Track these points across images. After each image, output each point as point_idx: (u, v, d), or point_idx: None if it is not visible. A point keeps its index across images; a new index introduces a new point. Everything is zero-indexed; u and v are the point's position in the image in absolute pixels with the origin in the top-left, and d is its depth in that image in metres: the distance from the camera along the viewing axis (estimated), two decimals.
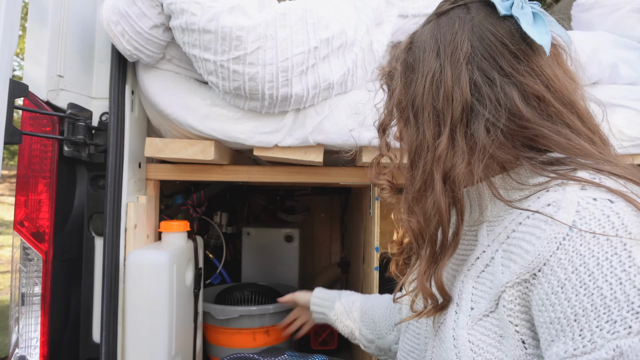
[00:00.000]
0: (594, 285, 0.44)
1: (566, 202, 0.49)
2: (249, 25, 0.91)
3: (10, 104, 0.73)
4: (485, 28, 0.60)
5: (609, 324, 0.42)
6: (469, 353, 0.55)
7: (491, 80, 0.58)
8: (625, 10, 1.23)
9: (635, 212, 0.47)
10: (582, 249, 0.45)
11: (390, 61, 0.69)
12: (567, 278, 0.46)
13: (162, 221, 1.17)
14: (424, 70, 0.61)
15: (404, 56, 0.65)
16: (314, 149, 1.08)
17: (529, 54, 0.59)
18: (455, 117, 0.58)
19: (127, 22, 0.95)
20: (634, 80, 1.15)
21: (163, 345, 1.01)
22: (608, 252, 0.44)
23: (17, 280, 0.97)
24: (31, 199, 0.97)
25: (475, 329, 0.56)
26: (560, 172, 0.53)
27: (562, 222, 0.47)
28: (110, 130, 1.01)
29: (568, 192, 0.50)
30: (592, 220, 0.46)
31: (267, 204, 2.25)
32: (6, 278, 4.55)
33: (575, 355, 0.43)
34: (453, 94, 0.58)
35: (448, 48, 0.60)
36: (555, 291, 0.46)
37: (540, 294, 0.48)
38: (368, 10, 1.04)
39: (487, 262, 0.58)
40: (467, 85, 0.58)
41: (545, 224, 0.49)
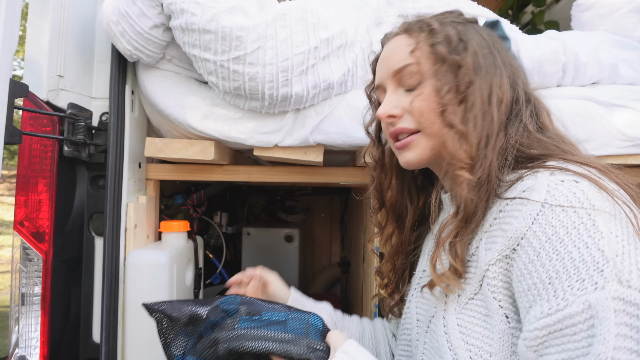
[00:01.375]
0: (564, 251, 0.50)
1: (538, 186, 0.55)
2: (249, 25, 0.91)
3: (10, 104, 0.73)
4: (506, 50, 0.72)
5: (579, 283, 0.48)
6: (458, 335, 0.60)
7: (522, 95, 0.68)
8: (625, 10, 1.23)
9: (598, 189, 0.53)
10: (553, 220, 0.52)
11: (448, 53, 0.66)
12: (542, 247, 0.52)
13: (162, 221, 1.17)
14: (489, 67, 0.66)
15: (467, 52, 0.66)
16: (314, 149, 1.08)
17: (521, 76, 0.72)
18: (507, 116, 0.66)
19: (127, 22, 0.95)
20: (634, 80, 1.15)
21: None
22: (575, 222, 0.51)
23: (17, 280, 0.97)
24: (31, 199, 0.97)
25: (462, 312, 0.61)
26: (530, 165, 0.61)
27: (535, 201, 0.54)
28: (110, 130, 1.01)
29: (539, 178, 0.56)
30: (561, 197, 0.53)
31: (267, 204, 2.26)
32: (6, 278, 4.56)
33: (550, 314, 0.48)
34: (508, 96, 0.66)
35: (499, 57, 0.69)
36: (532, 260, 0.52)
37: (519, 265, 0.54)
38: (368, 10, 1.04)
39: (473, 252, 0.62)
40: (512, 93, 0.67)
41: (522, 205, 0.55)
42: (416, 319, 0.73)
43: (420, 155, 0.68)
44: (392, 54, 0.71)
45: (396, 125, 0.70)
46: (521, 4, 2.27)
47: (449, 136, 0.63)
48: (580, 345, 0.46)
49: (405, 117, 0.69)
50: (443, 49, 0.66)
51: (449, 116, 0.64)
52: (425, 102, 0.66)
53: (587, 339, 0.46)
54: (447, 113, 0.64)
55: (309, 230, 2.34)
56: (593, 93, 1.11)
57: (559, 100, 1.11)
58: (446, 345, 0.61)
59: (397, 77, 0.70)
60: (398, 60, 0.69)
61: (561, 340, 0.48)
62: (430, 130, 0.66)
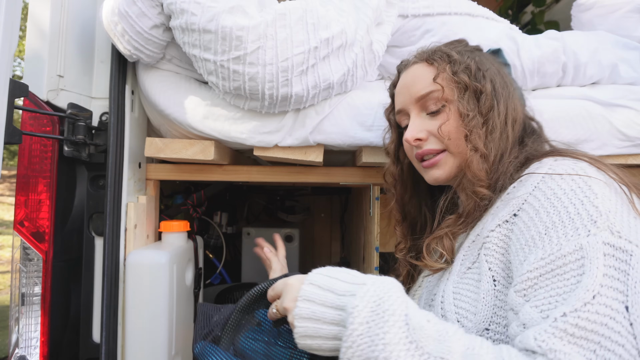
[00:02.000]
0: (561, 206, 0.55)
1: (542, 165, 0.63)
2: (249, 25, 0.91)
3: (10, 104, 0.73)
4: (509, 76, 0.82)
5: (572, 230, 0.52)
6: (451, 301, 0.65)
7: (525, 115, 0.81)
8: (625, 10, 1.23)
9: (596, 168, 0.59)
10: (553, 185, 0.58)
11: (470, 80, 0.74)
12: (540, 205, 0.57)
13: (162, 221, 1.17)
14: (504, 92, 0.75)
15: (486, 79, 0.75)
16: (314, 149, 1.08)
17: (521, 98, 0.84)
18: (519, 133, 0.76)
19: (127, 22, 0.95)
20: (634, 80, 1.15)
21: (163, 345, 1.01)
22: (573, 186, 0.56)
23: (17, 280, 0.97)
24: (31, 199, 0.97)
25: (459, 282, 0.66)
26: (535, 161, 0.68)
27: (538, 173, 0.61)
28: (110, 130, 1.01)
29: (543, 162, 0.64)
30: (561, 169, 0.59)
31: (267, 204, 2.26)
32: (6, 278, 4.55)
33: (543, 258, 0.52)
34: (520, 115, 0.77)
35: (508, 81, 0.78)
36: (531, 217, 0.57)
37: (519, 226, 0.58)
38: (368, 10, 1.04)
39: (478, 232, 0.68)
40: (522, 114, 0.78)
41: (525, 180, 0.63)
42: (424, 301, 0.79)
43: (448, 173, 0.76)
44: (414, 82, 0.79)
45: (422, 147, 0.78)
46: (521, 4, 2.27)
47: (474, 158, 0.70)
48: (569, 283, 0.49)
49: (431, 140, 0.77)
50: (465, 77, 0.73)
51: (474, 139, 0.71)
52: (451, 126, 0.74)
53: (577, 277, 0.49)
54: (472, 136, 0.71)
55: (309, 230, 2.34)
56: (593, 93, 1.11)
57: (559, 100, 1.11)
58: (440, 312, 0.66)
59: (421, 102, 0.77)
60: (421, 87, 0.77)
61: (551, 281, 0.51)
62: (456, 151, 0.74)
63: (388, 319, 0.49)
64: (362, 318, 0.50)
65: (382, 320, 0.49)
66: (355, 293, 0.52)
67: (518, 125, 0.75)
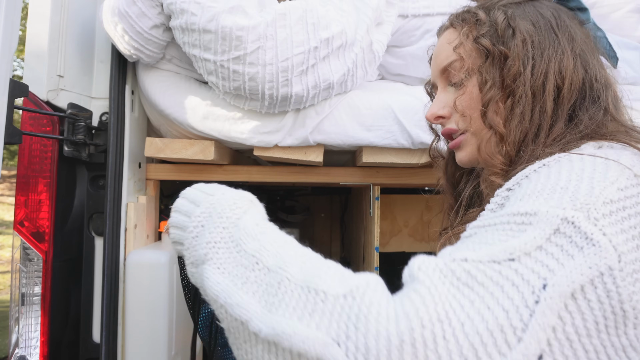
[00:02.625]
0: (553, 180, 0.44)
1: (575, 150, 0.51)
2: (249, 25, 0.91)
3: (10, 104, 0.73)
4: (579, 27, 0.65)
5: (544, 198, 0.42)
6: None
7: (594, 78, 0.60)
8: (625, 10, 1.23)
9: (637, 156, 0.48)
10: (564, 161, 0.47)
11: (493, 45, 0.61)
12: (538, 179, 0.46)
13: (162, 221, 1.17)
14: (546, 50, 0.60)
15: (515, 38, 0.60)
16: (314, 149, 1.08)
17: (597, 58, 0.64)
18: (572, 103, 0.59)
19: (127, 22, 0.95)
20: (634, 80, 1.15)
21: (163, 345, 1.01)
22: (587, 166, 0.45)
23: (17, 280, 0.97)
24: (31, 199, 0.96)
25: None
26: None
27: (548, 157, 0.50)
28: (110, 130, 1.01)
29: (581, 147, 0.52)
30: (587, 151, 0.48)
31: (267, 204, 2.25)
32: (6, 278, 4.55)
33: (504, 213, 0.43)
34: (574, 80, 0.59)
35: (564, 35, 0.61)
36: (524, 185, 0.47)
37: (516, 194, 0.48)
38: (368, 10, 1.04)
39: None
40: (581, 76, 0.60)
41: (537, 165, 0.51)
42: None
43: (470, 155, 0.66)
44: (439, 51, 0.69)
45: (445, 125, 0.68)
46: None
47: (486, 138, 0.60)
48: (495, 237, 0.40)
49: (454, 117, 0.66)
50: (487, 41, 0.61)
51: (491, 115, 0.59)
52: (467, 100, 0.63)
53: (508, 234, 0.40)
54: (489, 112, 0.59)
55: (309, 230, 2.34)
56: None
57: None
58: None
59: (445, 74, 0.67)
60: (444, 57, 0.67)
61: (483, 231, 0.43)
62: (477, 130, 0.63)
63: (216, 220, 0.52)
64: (197, 217, 0.54)
65: (210, 220, 0.53)
66: (202, 202, 0.56)
67: (568, 92, 0.58)
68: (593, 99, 0.59)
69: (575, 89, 0.59)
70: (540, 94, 0.58)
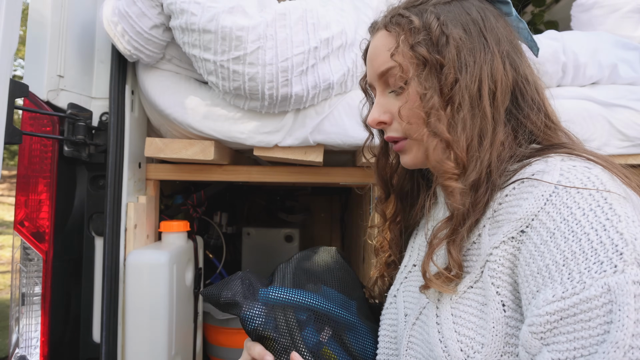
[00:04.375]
0: (581, 232, 0.47)
1: (550, 168, 0.52)
2: (249, 25, 0.91)
3: (10, 104, 0.73)
4: (503, 24, 0.65)
5: (597, 265, 0.44)
6: (450, 326, 0.56)
7: (523, 77, 0.63)
8: (625, 10, 1.23)
9: (610, 175, 0.52)
10: (569, 202, 0.49)
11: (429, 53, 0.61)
12: (556, 227, 0.48)
13: (162, 221, 1.17)
14: (477, 56, 0.60)
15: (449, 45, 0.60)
16: (314, 149, 1.08)
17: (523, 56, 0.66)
18: (506, 106, 0.61)
19: (127, 22, 0.95)
20: (634, 80, 1.15)
21: (163, 345, 1.01)
22: (592, 204, 0.48)
23: (17, 280, 0.97)
24: (31, 199, 0.97)
25: (459, 302, 0.57)
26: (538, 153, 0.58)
27: (548, 182, 0.51)
28: (110, 130, 1.01)
29: (550, 162, 0.54)
30: (575, 180, 0.50)
31: (267, 204, 2.25)
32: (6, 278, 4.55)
33: (564, 297, 0.45)
34: (505, 83, 0.61)
35: (492, 38, 0.62)
36: (545, 241, 0.49)
37: (529, 247, 0.50)
38: (368, 11, 1.04)
39: (474, 240, 0.58)
40: (512, 77, 0.62)
41: (532, 187, 0.52)
42: (404, 314, 0.70)
43: (414, 159, 0.67)
44: (375, 54, 0.67)
45: (386, 132, 0.68)
46: (521, 4, 2.27)
47: (432, 145, 0.61)
48: (595, 333, 0.43)
49: (394, 124, 0.67)
50: (424, 49, 0.61)
51: (434, 124, 0.59)
52: (410, 109, 0.63)
53: (604, 326, 0.42)
54: (431, 119, 0.60)
55: (309, 230, 2.34)
56: (593, 93, 1.11)
57: (559, 100, 1.11)
58: (437, 336, 0.58)
59: (383, 79, 0.67)
60: (381, 62, 0.66)
61: (574, 327, 0.44)
62: (419, 138, 0.63)
63: None
64: None
65: None
66: None
67: (502, 95, 0.60)
68: (527, 100, 0.62)
69: (507, 91, 0.61)
70: (477, 100, 0.59)
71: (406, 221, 0.80)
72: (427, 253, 0.61)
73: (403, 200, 0.81)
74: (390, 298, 0.76)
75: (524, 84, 0.63)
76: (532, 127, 0.62)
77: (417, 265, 0.74)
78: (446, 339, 0.56)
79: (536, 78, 0.66)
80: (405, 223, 0.81)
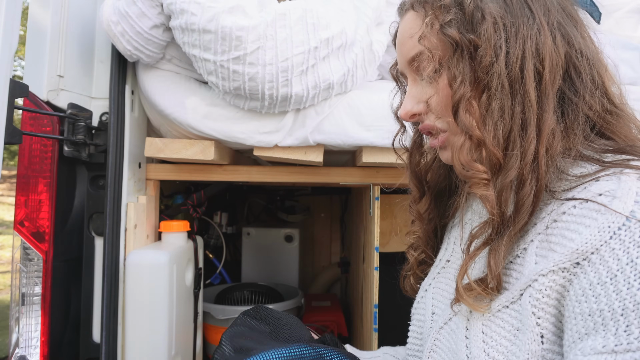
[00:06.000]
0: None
1: (622, 192, 0.44)
2: (249, 25, 0.91)
3: (10, 104, 0.73)
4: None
5: None
6: (480, 345, 0.51)
7: (578, 51, 0.53)
8: (625, 10, 1.23)
9: None
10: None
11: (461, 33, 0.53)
12: (620, 269, 0.41)
13: (162, 221, 1.17)
14: (520, 30, 0.52)
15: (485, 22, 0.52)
16: (314, 149, 1.08)
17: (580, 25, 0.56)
18: (557, 87, 0.52)
19: (127, 22, 0.95)
20: (634, 80, 1.15)
21: (163, 345, 1.01)
22: None
23: (17, 280, 0.97)
24: (31, 199, 0.97)
25: (491, 320, 0.51)
26: (608, 162, 0.48)
27: (618, 212, 0.42)
28: (110, 130, 1.01)
29: (624, 182, 0.44)
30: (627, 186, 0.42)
31: (267, 204, 2.26)
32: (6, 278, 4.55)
33: (616, 351, 0.39)
34: (555, 60, 0.51)
35: (537, 5, 0.53)
36: (603, 282, 0.42)
37: (583, 284, 0.43)
38: (368, 10, 1.04)
39: (518, 253, 0.52)
40: (564, 52, 0.52)
41: (598, 213, 0.44)
42: (431, 312, 0.66)
43: None
44: (402, 39, 0.60)
45: (424, 121, 0.60)
46: None
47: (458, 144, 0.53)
48: None
49: (431, 114, 0.59)
50: (454, 30, 0.53)
51: (463, 116, 0.52)
52: (440, 100, 0.55)
53: None
54: (460, 111, 0.52)
55: (309, 230, 2.34)
56: None
57: None
58: (464, 351, 0.53)
59: (413, 66, 0.59)
60: (409, 47, 0.58)
61: None
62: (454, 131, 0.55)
63: None
64: None
65: None
66: None
67: (550, 75, 0.51)
68: (583, 80, 0.52)
69: (558, 69, 0.52)
70: (519, 83, 0.51)
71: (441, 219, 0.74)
72: (463, 263, 0.54)
73: (437, 199, 0.73)
74: (422, 292, 0.72)
75: (578, 60, 0.53)
76: (588, 112, 0.52)
77: (450, 261, 0.69)
78: (474, 358, 0.51)
79: (596, 52, 0.55)
80: (440, 222, 0.74)
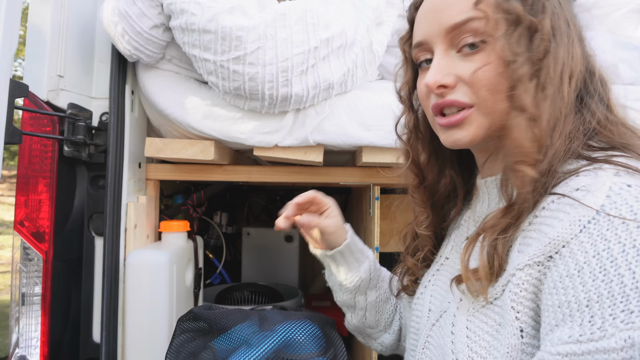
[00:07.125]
0: (614, 272, 0.40)
1: (596, 186, 0.45)
2: (249, 25, 0.91)
3: (10, 104, 0.73)
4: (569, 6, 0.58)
5: (625, 314, 0.38)
6: (464, 340, 0.53)
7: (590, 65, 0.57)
8: (625, 10, 1.23)
9: None
10: (609, 234, 0.42)
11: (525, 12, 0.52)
12: (587, 262, 0.42)
13: (162, 221, 1.17)
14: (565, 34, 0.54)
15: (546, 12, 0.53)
16: (314, 149, 1.08)
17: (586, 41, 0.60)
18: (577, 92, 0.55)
19: (127, 22, 0.95)
20: (634, 81, 1.15)
21: (163, 345, 1.01)
22: (637, 241, 0.40)
23: (17, 280, 0.97)
24: (31, 199, 0.97)
25: (475, 315, 0.53)
26: (593, 157, 0.50)
27: (589, 206, 0.43)
28: (110, 130, 1.01)
29: (600, 177, 0.46)
30: (624, 206, 0.42)
31: (267, 204, 2.26)
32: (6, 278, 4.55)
33: (580, 341, 0.40)
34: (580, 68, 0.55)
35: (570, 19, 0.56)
36: (571, 274, 0.43)
37: (554, 276, 0.44)
38: (368, 11, 1.04)
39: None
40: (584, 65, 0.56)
41: (571, 207, 0.45)
42: (428, 309, 0.67)
43: (474, 135, 0.56)
44: (446, 4, 0.56)
45: (446, 96, 0.57)
46: None
47: (516, 121, 0.51)
48: None
49: (460, 88, 0.56)
50: (518, 5, 0.52)
51: (521, 95, 0.51)
52: (491, 73, 0.53)
53: None
54: (518, 91, 0.51)
55: None
56: None
57: None
58: (450, 346, 0.54)
59: (452, 35, 0.56)
60: (455, 12, 0.55)
61: None
62: (490, 109, 0.54)
63: None
64: None
65: None
66: None
67: (576, 81, 0.54)
68: (590, 91, 0.56)
69: (581, 77, 0.55)
70: (559, 79, 0.52)
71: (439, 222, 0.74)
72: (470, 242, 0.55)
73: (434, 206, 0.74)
74: (422, 288, 0.72)
75: (590, 72, 0.57)
76: (590, 119, 0.54)
77: (449, 259, 0.70)
78: (458, 352, 0.53)
79: (599, 67, 0.59)
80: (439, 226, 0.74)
